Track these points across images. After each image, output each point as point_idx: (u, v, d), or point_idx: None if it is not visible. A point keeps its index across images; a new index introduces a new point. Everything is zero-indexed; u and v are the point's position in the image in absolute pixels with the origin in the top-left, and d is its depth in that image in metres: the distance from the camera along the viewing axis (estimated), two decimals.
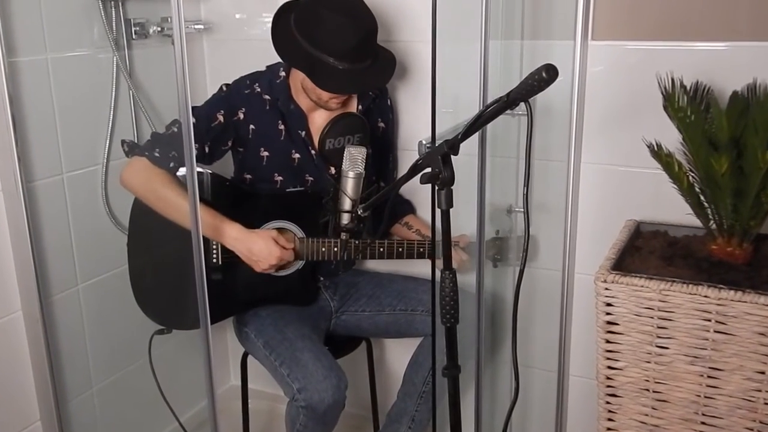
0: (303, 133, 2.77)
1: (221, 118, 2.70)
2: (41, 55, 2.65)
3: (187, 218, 1.94)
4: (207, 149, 2.70)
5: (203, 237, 2.66)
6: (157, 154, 2.63)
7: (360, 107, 2.85)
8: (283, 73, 2.77)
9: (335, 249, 2.74)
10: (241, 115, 2.74)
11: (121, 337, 3.10)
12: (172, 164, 2.63)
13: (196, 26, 3.27)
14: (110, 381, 3.10)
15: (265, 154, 2.79)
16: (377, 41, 2.71)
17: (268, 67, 2.82)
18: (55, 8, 2.68)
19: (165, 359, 3.14)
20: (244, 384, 3.08)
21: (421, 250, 2.78)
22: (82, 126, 2.85)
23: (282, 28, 2.66)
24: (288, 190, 2.82)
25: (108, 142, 2.93)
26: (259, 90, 2.75)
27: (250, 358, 2.94)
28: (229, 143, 2.77)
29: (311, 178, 2.82)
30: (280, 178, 2.80)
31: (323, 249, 2.75)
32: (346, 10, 2.57)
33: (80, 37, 2.82)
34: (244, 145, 2.79)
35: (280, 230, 2.74)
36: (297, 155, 2.79)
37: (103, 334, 3.02)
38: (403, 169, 3.09)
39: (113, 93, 2.93)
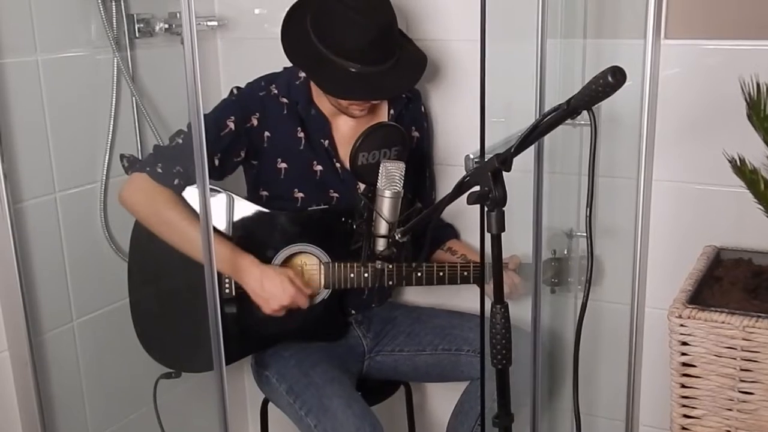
0: (326, 142, 2.79)
1: (232, 125, 2.71)
2: (31, 56, 2.68)
3: (193, 245, 1.95)
4: (217, 162, 2.70)
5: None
6: (159, 170, 2.65)
7: (392, 112, 2.85)
8: (303, 74, 2.77)
9: (365, 275, 2.75)
10: (255, 121, 2.74)
11: (123, 381, 3.11)
12: (176, 181, 2.65)
13: (209, 23, 3.28)
14: (110, 431, 3.11)
15: (283, 165, 2.79)
16: (408, 38, 2.75)
17: (285, 67, 2.83)
18: (47, 2, 2.71)
19: (173, 407, 3.16)
20: None
21: (465, 273, 2.77)
22: (78, 138, 2.88)
23: (296, 21, 2.69)
24: (310, 208, 2.82)
25: (107, 156, 2.95)
26: (276, 92, 2.77)
27: (271, 406, 2.95)
28: (242, 154, 2.78)
29: (336, 195, 2.82)
30: (301, 194, 2.81)
31: (352, 275, 2.75)
32: (360, 3, 2.56)
33: (76, 35, 2.85)
34: (258, 156, 2.80)
35: (301, 254, 2.76)
36: (319, 167, 2.80)
37: (101, 378, 3.04)
38: (442, 186, 3.12)
39: (113, 99, 2.95)
